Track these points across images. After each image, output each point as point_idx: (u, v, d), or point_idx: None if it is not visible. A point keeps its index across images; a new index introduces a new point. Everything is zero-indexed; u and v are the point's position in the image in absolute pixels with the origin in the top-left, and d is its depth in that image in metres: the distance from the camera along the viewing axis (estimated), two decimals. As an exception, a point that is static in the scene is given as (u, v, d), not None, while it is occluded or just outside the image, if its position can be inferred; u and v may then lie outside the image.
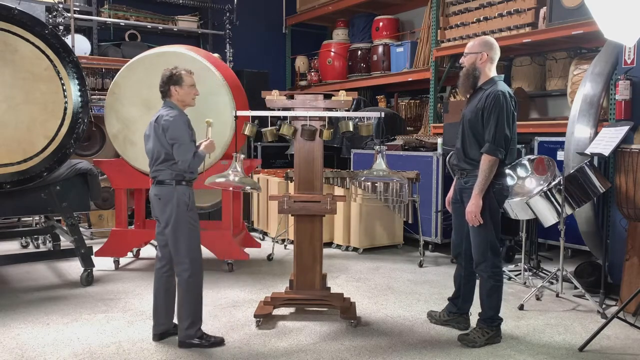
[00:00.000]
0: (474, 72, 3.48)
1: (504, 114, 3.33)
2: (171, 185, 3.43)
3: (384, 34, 8.20)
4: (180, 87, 3.51)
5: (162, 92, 3.54)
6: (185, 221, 3.44)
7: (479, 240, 3.51)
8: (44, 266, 5.45)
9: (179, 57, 4.93)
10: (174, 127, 3.38)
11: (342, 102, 3.94)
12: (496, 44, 3.51)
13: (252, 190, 4.46)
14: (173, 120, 3.40)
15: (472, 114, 3.46)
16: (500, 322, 3.63)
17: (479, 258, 3.52)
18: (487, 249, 3.50)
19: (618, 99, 4.28)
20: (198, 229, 3.53)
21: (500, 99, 3.33)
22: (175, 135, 3.38)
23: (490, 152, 3.35)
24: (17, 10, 4.27)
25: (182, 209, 3.43)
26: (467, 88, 3.55)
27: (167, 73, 3.51)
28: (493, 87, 3.42)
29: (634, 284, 4.03)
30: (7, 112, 4.34)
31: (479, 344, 3.51)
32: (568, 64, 6.03)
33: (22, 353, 3.38)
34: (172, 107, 3.50)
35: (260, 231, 7.05)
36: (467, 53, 3.52)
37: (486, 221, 3.46)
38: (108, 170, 5.23)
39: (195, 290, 3.48)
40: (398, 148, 6.48)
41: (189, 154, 3.38)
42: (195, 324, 3.48)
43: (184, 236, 3.44)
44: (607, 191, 4.34)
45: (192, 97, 3.58)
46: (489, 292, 3.55)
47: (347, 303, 4.00)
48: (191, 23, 8.73)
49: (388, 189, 5.60)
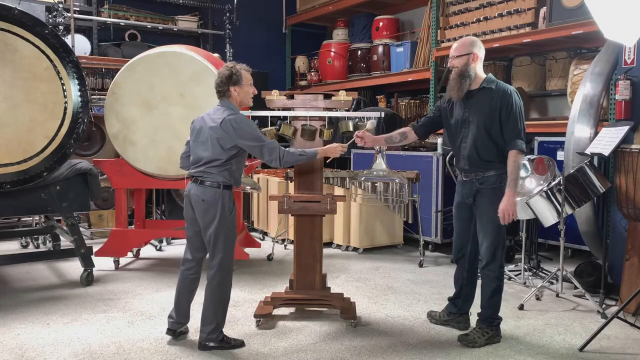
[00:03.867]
0: (468, 73, 3.45)
1: (520, 110, 3.41)
2: (218, 188, 3.32)
3: (384, 34, 8.20)
4: (240, 87, 3.37)
5: (219, 92, 3.39)
6: (226, 226, 3.35)
7: (491, 240, 3.50)
8: (44, 266, 5.45)
9: (179, 57, 4.94)
10: (247, 128, 3.28)
11: (342, 102, 3.94)
12: (481, 42, 3.54)
13: (252, 190, 4.47)
14: (243, 121, 3.29)
15: (486, 115, 3.43)
16: (500, 322, 3.64)
17: (490, 258, 3.51)
18: (498, 249, 3.50)
19: (618, 99, 4.28)
20: (235, 234, 3.47)
21: (514, 96, 3.39)
22: (255, 135, 3.31)
23: (519, 148, 3.36)
24: (17, 10, 4.27)
25: (226, 213, 3.34)
26: (463, 89, 3.48)
27: (226, 72, 3.34)
28: (497, 85, 3.45)
29: (634, 284, 4.03)
30: (7, 112, 4.34)
31: (479, 344, 3.52)
32: (568, 64, 6.02)
33: (22, 353, 3.38)
34: (232, 109, 3.37)
35: (260, 231, 7.05)
36: (457, 55, 3.49)
37: (497, 220, 3.43)
38: (108, 170, 5.23)
39: (223, 295, 3.42)
40: (398, 148, 6.48)
41: (275, 150, 3.34)
42: (218, 327, 3.42)
43: (221, 241, 3.35)
44: (607, 191, 4.34)
45: (251, 96, 3.48)
46: (492, 292, 3.56)
47: (347, 303, 4.00)
48: (191, 23, 8.73)
49: (388, 189, 5.60)
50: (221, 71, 3.38)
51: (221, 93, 3.40)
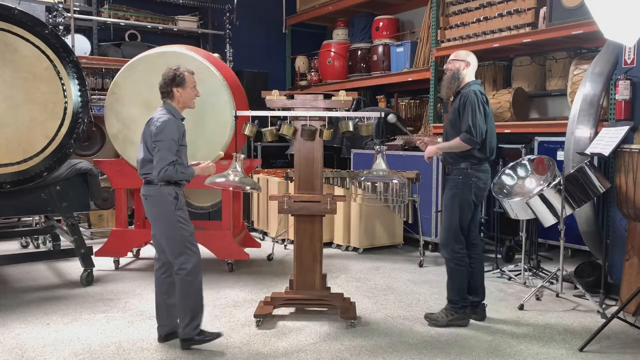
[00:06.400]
0: (457, 76, 3.89)
1: (475, 106, 3.73)
2: (156, 185, 3.38)
3: (384, 34, 8.19)
4: (183, 89, 3.44)
5: (163, 93, 3.46)
6: (174, 220, 3.38)
7: (444, 225, 3.94)
8: (44, 266, 5.45)
9: (179, 57, 4.93)
10: (160, 131, 3.31)
11: (342, 102, 3.94)
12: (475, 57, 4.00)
13: (252, 190, 4.46)
14: (162, 124, 3.32)
15: (452, 114, 3.90)
16: (466, 307, 3.90)
17: (443, 242, 3.96)
18: (450, 235, 3.88)
19: (618, 99, 4.29)
20: (188, 227, 3.46)
21: (471, 95, 3.76)
22: (159, 138, 3.31)
23: (464, 140, 3.72)
24: (17, 10, 4.27)
25: (169, 208, 3.37)
26: (451, 90, 3.93)
27: (169, 73, 3.42)
28: (467, 89, 3.85)
29: (634, 284, 4.03)
30: (7, 112, 4.34)
31: (441, 323, 3.85)
32: (568, 64, 6.02)
33: (22, 353, 3.39)
34: (168, 111, 3.42)
35: (260, 231, 7.05)
36: (453, 60, 3.96)
37: (454, 209, 3.86)
38: (108, 170, 5.23)
39: (192, 287, 3.42)
40: (398, 148, 6.48)
41: (164, 162, 3.29)
42: (194, 320, 3.43)
43: (174, 235, 3.39)
44: (607, 191, 4.34)
45: (193, 98, 3.53)
46: (450, 274, 3.91)
47: (347, 303, 4.00)
48: (191, 23, 8.73)
49: (388, 189, 5.60)
50: (165, 73, 3.45)
51: (164, 94, 3.47)
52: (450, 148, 3.85)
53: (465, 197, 3.84)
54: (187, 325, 3.43)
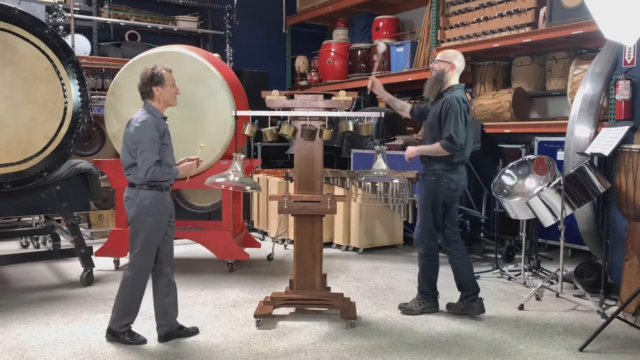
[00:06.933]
0: (441, 78, 3.94)
1: (457, 115, 3.80)
2: (134, 188, 3.39)
3: (384, 34, 8.19)
4: (162, 87, 3.42)
5: (142, 93, 3.44)
6: (142, 226, 3.39)
7: (419, 223, 4.12)
8: (44, 266, 5.45)
9: (179, 57, 4.94)
10: (139, 132, 3.30)
11: (342, 102, 3.94)
12: (463, 58, 4.01)
13: (252, 190, 4.46)
14: (140, 125, 3.31)
15: (433, 117, 3.96)
16: (437, 296, 4.18)
17: (417, 239, 4.13)
18: (424, 233, 4.06)
19: (618, 99, 4.29)
20: (157, 241, 3.46)
21: (454, 102, 3.81)
22: (138, 139, 3.30)
23: (444, 147, 3.81)
24: (17, 10, 4.27)
25: (141, 213, 3.38)
26: (434, 91, 3.99)
27: (147, 73, 3.40)
28: (450, 94, 3.88)
29: (634, 284, 4.03)
30: (7, 112, 4.34)
31: (415, 312, 4.09)
32: (568, 64, 6.02)
33: (22, 353, 3.39)
34: (148, 111, 3.41)
35: (260, 231, 7.05)
36: (439, 60, 3.98)
37: (427, 209, 4.01)
38: (108, 170, 5.23)
39: (129, 290, 3.49)
40: (398, 148, 6.47)
41: (149, 163, 3.27)
42: (124, 318, 3.51)
43: (138, 239, 3.41)
44: (607, 191, 4.34)
45: (174, 96, 3.51)
46: (422, 268, 4.14)
47: (347, 303, 4.00)
48: (191, 23, 8.73)
49: (388, 189, 5.60)
50: (143, 73, 3.43)
51: (144, 94, 3.46)
52: (429, 152, 3.95)
53: (436, 198, 3.98)
54: (117, 320, 3.51)
